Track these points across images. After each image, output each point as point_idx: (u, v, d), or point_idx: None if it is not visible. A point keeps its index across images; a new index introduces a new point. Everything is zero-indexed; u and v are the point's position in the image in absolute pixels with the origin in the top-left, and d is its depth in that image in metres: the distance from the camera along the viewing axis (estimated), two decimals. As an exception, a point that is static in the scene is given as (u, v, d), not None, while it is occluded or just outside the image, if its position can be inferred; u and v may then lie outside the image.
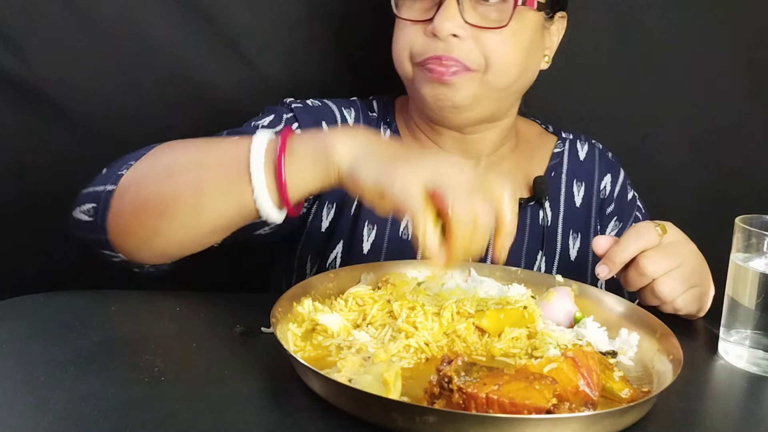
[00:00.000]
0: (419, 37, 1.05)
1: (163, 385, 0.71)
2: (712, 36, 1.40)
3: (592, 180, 1.22)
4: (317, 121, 1.11)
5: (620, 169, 1.25)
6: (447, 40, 1.02)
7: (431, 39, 1.04)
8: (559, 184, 1.20)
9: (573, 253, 1.17)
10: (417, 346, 0.79)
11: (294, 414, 0.68)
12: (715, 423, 0.77)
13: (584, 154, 1.23)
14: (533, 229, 1.15)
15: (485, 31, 1.03)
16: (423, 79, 1.06)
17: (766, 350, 0.85)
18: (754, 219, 0.88)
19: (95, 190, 0.92)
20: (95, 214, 0.91)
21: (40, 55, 1.21)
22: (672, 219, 0.95)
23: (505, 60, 1.05)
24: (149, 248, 0.90)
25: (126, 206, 0.89)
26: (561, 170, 1.21)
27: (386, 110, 1.20)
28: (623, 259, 0.91)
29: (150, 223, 0.88)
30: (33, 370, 0.71)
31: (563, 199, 1.19)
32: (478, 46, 1.03)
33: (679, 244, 0.93)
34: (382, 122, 1.18)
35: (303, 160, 0.83)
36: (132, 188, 0.90)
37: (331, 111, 1.14)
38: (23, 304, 0.86)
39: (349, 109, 1.16)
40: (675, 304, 0.93)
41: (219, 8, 1.26)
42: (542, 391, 0.65)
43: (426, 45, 1.05)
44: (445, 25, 1.01)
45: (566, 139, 1.24)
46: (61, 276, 1.20)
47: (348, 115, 1.15)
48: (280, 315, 0.80)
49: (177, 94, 1.27)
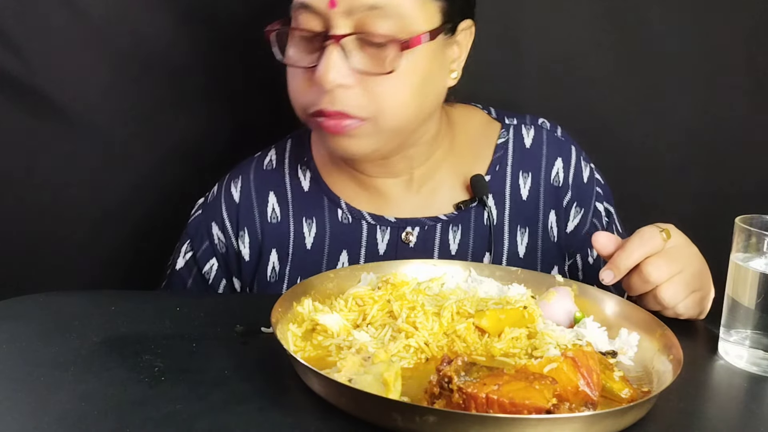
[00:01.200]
0: (305, 86, 0.99)
1: (163, 385, 0.71)
2: (713, 36, 1.40)
3: (539, 168, 1.15)
4: (205, 230, 1.12)
5: (571, 147, 1.17)
6: (332, 91, 0.96)
7: (317, 89, 0.97)
8: (504, 179, 1.14)
9: (522, 249, 1.13)
10: (417, 346, 0.79)
11: (294, 414, 0.68)
12: (715, 423, 0.77)
13: (530, 141, 1.16)
14: (478, 230, 1.12)
15: (373, 77, 0.96)
16: (319, 130, 1.01)
17: (766, 350, 0.85)
18: (754, 219, 0.88)
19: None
20: None
21: (40, 55, 1.21)
22: (672, 219, 0.95)
23: (397, 104, 0.98)
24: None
25: None
26: (506, 163, 1.15)
27: (302, 148, 1.15)
28: (628, 265, 0.91)
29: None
30: (33, 370, 0.72)
31: (508, 193, 1.14)
32: (366, 93, 0.97)
33: (682, 248, 0.93)
34: (298, 165, 1.14)
35: None
36: None
37: (216, 206, 1.13)
38: (23, 304, 0.86)
39: (236, 181, 1.13)
40: (677, 309, 0.93)
41: (220, 7, 1.26)
42: (542, 391, 0.65)
43: (312, 97, 0.98)
44: (329, 76, 0.94)
45: (510, 126, 1.17)
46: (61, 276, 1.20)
47: (234, 192, 1.13)
48: (280, 315, 0.80)
49: (177, 94, 1.28)
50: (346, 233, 1.11)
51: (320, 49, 0.96)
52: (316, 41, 0.97)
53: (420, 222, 1.11)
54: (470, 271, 0.97)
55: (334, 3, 0.94)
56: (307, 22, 0.97)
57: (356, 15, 0.94)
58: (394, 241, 1.11)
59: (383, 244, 1.11)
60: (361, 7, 0.94)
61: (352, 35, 0.95)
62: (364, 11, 0.94)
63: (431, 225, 1.11)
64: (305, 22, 0.97)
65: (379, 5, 0.95)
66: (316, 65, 0.96)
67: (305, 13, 0.96)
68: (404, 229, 1.11)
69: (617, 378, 0.75)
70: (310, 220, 1.12)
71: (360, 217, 1.11)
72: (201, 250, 1.12)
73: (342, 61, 0.95)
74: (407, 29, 0.96)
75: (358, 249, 1.11)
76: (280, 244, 1.11)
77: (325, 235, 1.11)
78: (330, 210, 1.12)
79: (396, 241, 1.11)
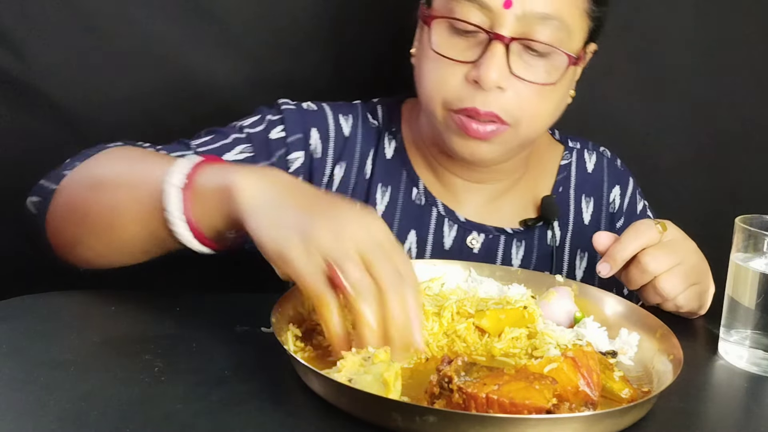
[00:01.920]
0: (456, 81, 0.97)
1: (163, 385, 0.71)
2: (713, 35, 1.40)
3: (601, 194, 1.18)
4: (305, 125, 1.08)
5: (629, 178, 1.22)
6: (489, 91, 0.96)
7: (471, 86, 0.96)
8: (567, 201, 1.16)
9: (579, 273, 1.14)
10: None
11: (294, 414, 0.68)
12: (715, 423, 0.77)
13: (592, 166, 1.19)
14: (541, 250, 1.12)
15: (527, 84, 0.97)
16: (454, 129, 1.00)
17: (766, 350, 0.85)
18: (754, 219, 0.88)
19: (44, 185, 0.93)
20: (39, 209, 0.92)
21: (40, 55, 1.21)
22: (672, 219, 0.95)
23: (540, 113, 1.01)
24: (77, 255, 0.90)
25: (57, 209, 0.90)
26: (569, 185, 1.17)
27: (391, 118, 1.14)
28: (624, 257, 0.91)
29: (75, 232, 0.88)
30: (33, 370, 0.71)
31: (572, 216, 1.15)
32: (517, 99, 0.97)
33: (679, 242, 0.93)
34: (386, 132, 1.13)
35: (207, 198, 0.78)
36: (64, 192, 0.90)
37: (324, 117, 1.10)
38: (23, 304, 0.86)
39: (347, 115, 1.11)
40: (676, 301, 0.93)
41: (220, 7, 1.26)
42: (542, 391, 0.65)
43: (464, 93, 0.97)
44: (493, 75, 0.94)
45: (573, 149, 1.20)
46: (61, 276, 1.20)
47: (344, 122, 1.11)
48: (280, 315, 0.80)
49: (177, 94, 1.27)
50: (417, 214, 1.11)
51: (480, 45, 0.96)
52: (473, 37, 0.97)
53: (486, 229, 1.11)
54: (470, 271, 0.97)
55: (510, 3, 0.94)
56: (470, 16, 0.96)
57: (526, 20, 0.95)
58: (459, 240, 1.11)
59: (449, 239, 1.11)
60: (535, 14, 0.95)
61: (521, 40, 0.95)
62: (535, 18, 0.95)
63: (496, 235, 1.12)
64: (467, 14, 0.96)
65: (552, 16, 0.96)
66: (474, 61, 0.96)
67: (470, 6, 0.95)
68: (470, 232, 1.11)
69: (617, 378, 0.75)
70: (385, 188, 1.10)
71: (433, 203, 1.11)
72: (294, 137, 1.07)
73: (505, 63, 0.95)
74: (566, 44, 0.98)
75: (426, 234, 1.10)
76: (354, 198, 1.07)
77: (396, 209, 1.10)
78: (406, 185, 1.11)
79: (461, 241, 1.11)
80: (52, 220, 0.90)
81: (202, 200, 0.78)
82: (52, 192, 0.91)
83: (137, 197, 0.82)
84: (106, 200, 0.85)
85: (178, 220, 0.79)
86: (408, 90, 1.13)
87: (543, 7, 0.95)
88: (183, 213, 0.78)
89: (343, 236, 0.70)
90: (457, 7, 0.96)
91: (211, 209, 0.78)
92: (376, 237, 0.72)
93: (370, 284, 0.69)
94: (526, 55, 0.97)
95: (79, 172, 0.91)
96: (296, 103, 1.10)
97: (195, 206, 0.78)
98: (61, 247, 0.91)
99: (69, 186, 0.90)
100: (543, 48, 0.97)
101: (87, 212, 0.86)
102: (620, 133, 1.41)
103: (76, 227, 0.88)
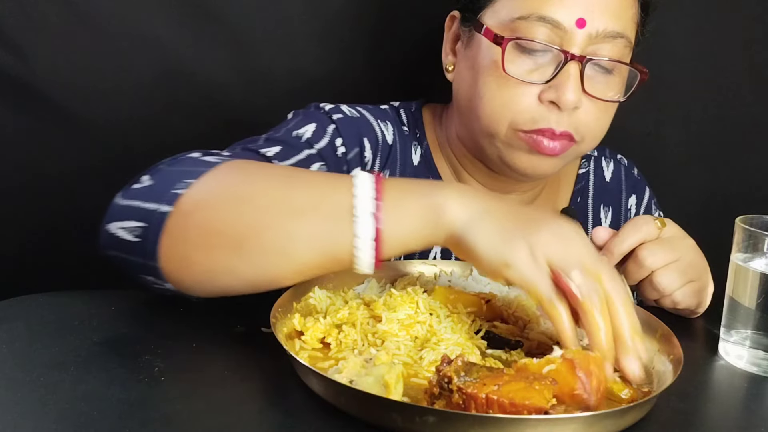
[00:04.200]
0: (529, 101, 0.96)
1: (163, 385, 0.71)
2: (714, 35, 1.40)
3: (619, 203, 1.19)
4: (359, 137, 1.04)
5: (645, 187, 1.22)
6: (566, 111, 0.95)
7: (545, 107, 0.96)
8: (585, 211, 1.16)
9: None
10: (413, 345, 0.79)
11: (294, 414, 0.68)
12: (715, 423, 0.77)
13: (610, 174, 1.19)
14: None
15: (596, 102, 0.97)
16: (520, 146, 0.99)
17: (766, 350, 0.85)
18: (754, 219, 0.88)
19: (143, 207, 0.80)
20: (144, 236, 0.78)
21: (40, 55, 1.21)
22: (672, 218, 0.95)
23: (603, 128, 1.02)
24: (213, 284, 0.80)
25: (191, 234, 0.77)
26: (587, 194, 1.17)
27: (416, 123, 1.13)
28: (622, 251, 0.91)
29: (220, 258, 0.77)
30: (33, 370, 0.71)
31: (591, 226, 1.16)
32: (586, 116, 0.98)
33: (678, 239, 0.93)
34: (413, 138, 1.11)
35: (408, 217, 0.75)
36: (199, 214, 0.78)
37: (370, 125, 1.07)
38: (23, 304, 0.86)
39: (385, 122, 1.09)
40: (674, 297, 0.93)
41: (220, 6, 1.26)
42: (542, 391, 0.65)
43: (538, 114, 0.96)
44: (572, 98, 0.94)
45: (591, 157, 1.20)
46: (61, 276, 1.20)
47: (386, 130, 1.08)
48: (280, 315, 0.80)
49: (178, 93, 1.27)
50: None
51: (551, 64, 0.96)
52: (542, 55, 0.96)
53: None
54: (471, 270, 0.97)
55: (585, 22, 0.94)
56: (538, 34, 0.95)
57: (598, 38, 0.95)
58: None
59: None
60: (608, 33, 0.96)
61: (594, 60, 0.96)
62: (606, 36, 0.95)
63: None
64: (536, 33, 0.95)
65: (623, 34, 0.97)
66: (548, 81, 0.95)
67: (540, 25, 0.95)
68: None
69: (617, 378, 0.75)
70: None
71: None
72: (352, 153, 1.04)
73: (579, 82, 0.95)
74: (627, 58, 1.00)
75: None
76: None
77: None
78: None
79: None
80: (175, 249, 0.78)
81: (395, 223, 0.75)
82: (166, 215, 0.78)
83: (317, 222, 0.76)
84: (272, 223, 0.77)
85: (367, 246, 0.75)
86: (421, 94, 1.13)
87: (614, 26, 0.96)
88: (374, 239, 0.74)
89: (568, 244, 0.73)
90: (526, 26, 0.95)
91: (407, 231, 0.76)
92: (592, 250, 0.75)
93: (598, 289, 0.72)
94: (593, 72, 0.97)
95: (210, 189, 0.80)
96: (339, 109, 1.06)
97: (386, 230, 0.75)
98: (189, 279, 0.80)
99: (204, 207, 0.78)
100: (610, 64, 0.98)
101: (244, 236, 0.76)
102: (620, 133, 1.40)
103: (225, 254, 0.77)
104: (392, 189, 0.76)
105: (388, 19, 1.30)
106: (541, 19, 0.94)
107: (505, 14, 0.97)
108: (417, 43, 1.26)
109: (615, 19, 0.96)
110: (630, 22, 0.99)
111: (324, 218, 0.76)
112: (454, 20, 1.07)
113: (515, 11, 0.96)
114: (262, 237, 0.76)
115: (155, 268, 0.79)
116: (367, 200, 0.74)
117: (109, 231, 0.82)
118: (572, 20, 0.94)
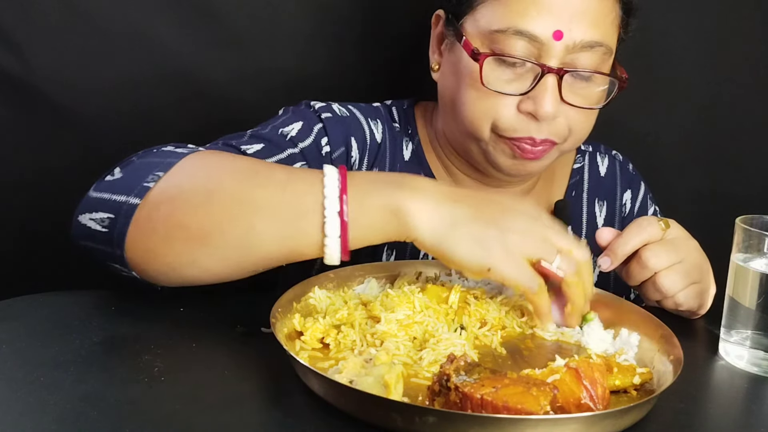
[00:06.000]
0: (508, 112, 0.98)
1: (163, 385, 0.71)
2: (713, 35, 1.40)
3: (614, 198, 1.19)
4: (346, 137, 1.05)
5: (641, 183, 1.22)
6: (545, 121, 0.97)
7: (525, 117, 0.97)
8: (580, 204, 1.16)
9: (594, 276, 1.14)
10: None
11: (294, 414, 0.68)
12: (716, 423, 0.77)
13: (605, 169, 1.20)
14: None
15: (576, 108, 0.99)
16: (503, 150, 1.01)
17: (766, 351, 0.85)
18: (754, 219, 0.88)
19: (113, 199, 0.82)
20: (112, 227, 0.81)
21: (40, 55, 1.21)
22: (672, 219, 0.95)
23: (586, 129, 1.03)
24: (177, 274, 0.82)
25: (157, 227, 0.79)
26: (582, 189, 1.17)
27: (407, 120, 1.14)
28: (625, 252, 0.91)
29: (185, 250, 0.79)
30: (33, 370, 0.71)
31: (585, 220, 1.16)
32: (567, 122, 0.99)
33: (682, 240, 0.93)
34: (404, 134, 1.12)
35: (371, 214, 0.78)
36: (165, 207, 0.80)
37: (359, 124, 1.07)
38: (23, 304, 0.86)
39: (375, 120, 1.10)
40: (676, 298, 0.93)
41: (217, 6, 1.26)
42: (538, 397, 0.64)
43: (518, 125, 0.98)
44: (551, 109, 0.95)
45: (585, 152, 1.20)
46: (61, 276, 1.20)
47: (375, 129, 1.09)
48: (280, 315, 0.80)
49: (177, 92, 1.27)
50: None
51: (528, 75, 0.96)
52: (521, 66, 0.96)
53: None
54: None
55: (561, 35, 0.94)
56: (517, 47, 0.95)
57: (576, 48, 0.96)
58: None
59: None
60: (586, 43, 0.96)
61: (571, 71, 0.96)
62: (584, 46, 0.96)
63: None
64: (514, 46, 0.95)
65: (601, 42, 0.97)
66: (526, 93, 0.96)
67: (517, 39, 0.95)
68: None
69: (617, 378, 0.75)
70: None
71: None
72: (338, 152, 1.04)
73: (557, 93, 0.96)
74: (608, 63, 1.01)
75: None
76: None
77: None
78: None
79: None
80: (141, 240, 0.80)
81: (359, 222, 0.78)
82: (134, 207, 0.80)
83: (281, 218, 0.78)
84: (236, 215, 0.78)
85: (334, 243, 0.77)
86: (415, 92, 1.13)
87: (591, 36, 0.96)
88: (339, 237, 0.77)
89: (532, 232, 0.81)
90: (504, 39, 0.96)
91: (371, 229, 0.79)
92: (555, 227, 0.84)
93: (573, 263, 0.82)
94: (572, 80, 0.97)
95: (177, 182, 0.82)
96: (328, 107, 1.07)
97: (352, 228, 0.77)
98: (155, 269, 0.82)
99: (171, 200, 0.80)
100: (589, 74, 0.98)
101: (208, 230, 0.78)
102: (620, 133, 1.40)
103: (190, 247, 0.79)
104: (355, 185, 0.78)
105: (380, 17, 1.30)
106: (518, 33, 0.95)
107: (484, 24, 0.97)
108: (409, 40, 1.25)
109: (593, 27, 0.96)
110: (610, 27, 0.99)
111: (287, 213, 0.78)
112: (439, 19, 1.07)
113: (493, 23, 0.96)
114: (225, 231, 0.79)
115: (121, 258, 0.82)
116: (332, 195, 0.77)
117: (80, 222, 0.84)
118: (549, 33, 0.94)
